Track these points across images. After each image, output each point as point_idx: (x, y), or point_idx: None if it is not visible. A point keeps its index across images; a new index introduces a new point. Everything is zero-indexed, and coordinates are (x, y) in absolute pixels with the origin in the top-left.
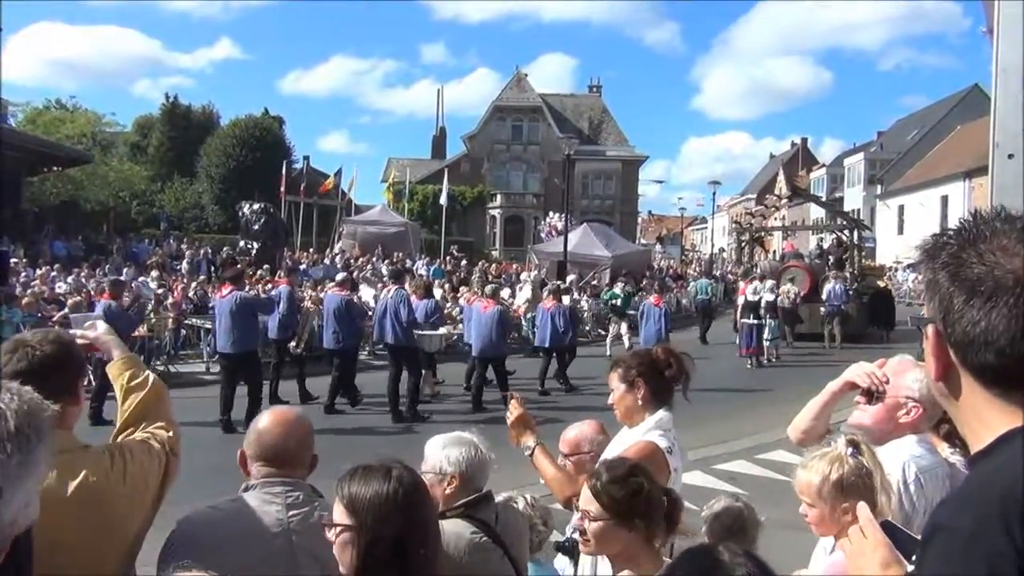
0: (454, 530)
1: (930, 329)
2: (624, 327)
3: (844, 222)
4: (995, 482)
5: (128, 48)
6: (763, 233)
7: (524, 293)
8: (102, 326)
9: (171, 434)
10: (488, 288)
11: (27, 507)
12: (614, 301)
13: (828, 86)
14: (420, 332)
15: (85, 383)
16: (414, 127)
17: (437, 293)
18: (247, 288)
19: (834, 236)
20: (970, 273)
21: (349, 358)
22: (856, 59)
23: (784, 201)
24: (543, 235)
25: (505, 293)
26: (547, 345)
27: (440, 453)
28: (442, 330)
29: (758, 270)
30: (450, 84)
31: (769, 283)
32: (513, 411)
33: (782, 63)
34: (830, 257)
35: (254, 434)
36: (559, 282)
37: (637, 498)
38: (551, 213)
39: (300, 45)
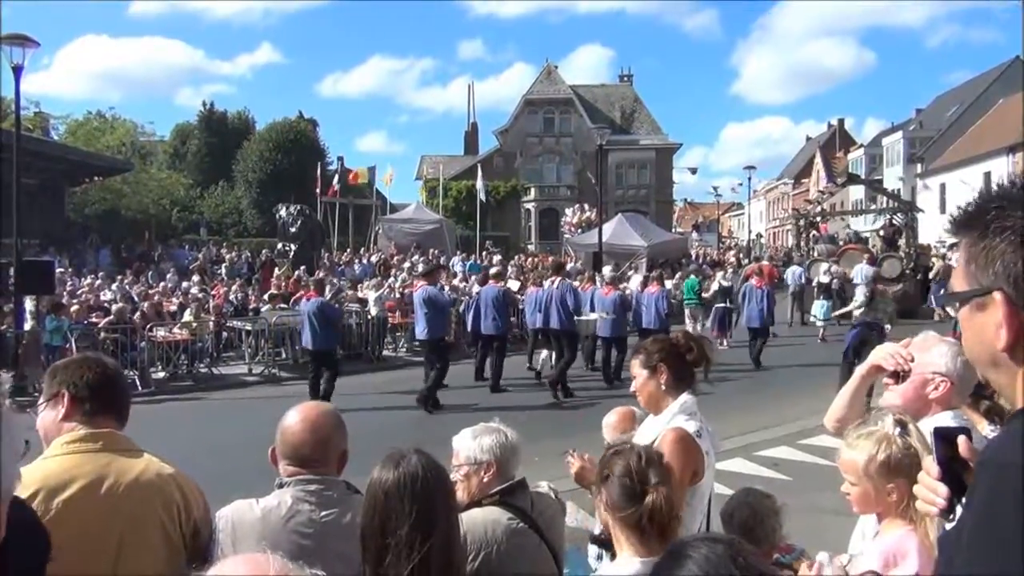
0: (491, 516)
1: (998, 296)
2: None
3: (898, 204)
4: None
5: (171, 58)
6: (819, 218)
7: (636, 279)
8: None
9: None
10: (608, 275)
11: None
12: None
13: (871, 66)
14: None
15: None
16: (452, 124)
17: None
18: (438, 285)
19: (886, 218)
20: None
21: (506, 341)
22: (900, 37)
23: (837, 187)
24: (564, 232)
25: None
26: (654, 327)
27: (472, 443)
28: (592, 315)
29: (815, 253)
30: (487, 80)
31: (824, 266)
32: (572, 465)
33: (823, 45)
34: (890, 237)
35: (280, 432)
36: (661, 269)
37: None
38: (567, 211)
39: (339, 47)
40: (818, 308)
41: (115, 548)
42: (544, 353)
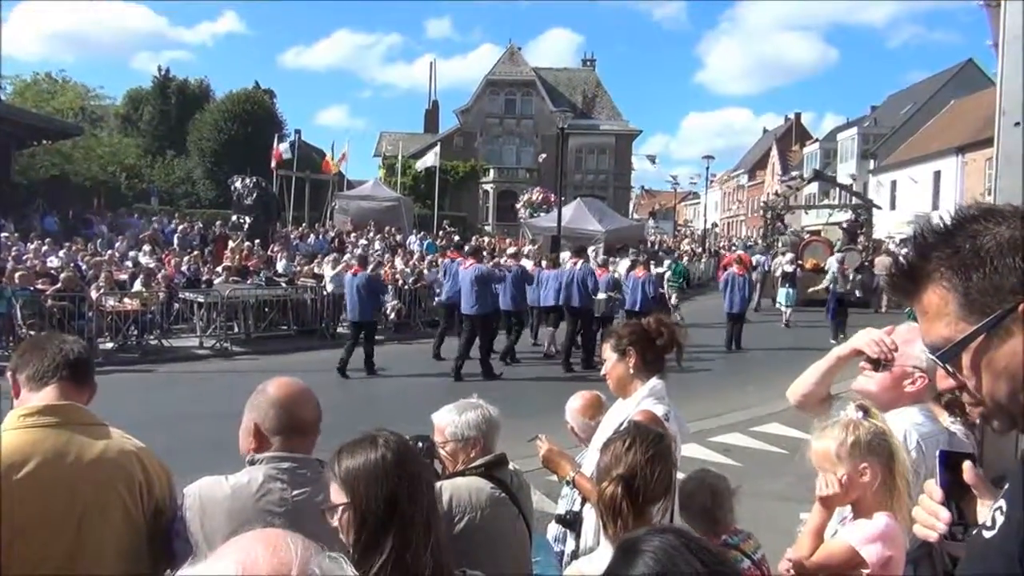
0: (475, 485)
1: None
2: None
3: (859, 201)
4: None
5: (131, 22)
6: (785, 211)
7: (623, 263)
8: None
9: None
10: (600, 259)
11: None
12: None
13: (833, 62)
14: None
15: None
16: (415, 102)
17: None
18: (485, 261)
19: (851, 213)
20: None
21: (524, 316)
22: (863, 35)
23: (803, 182)
24: (520, 218)
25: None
26: (637, 309)
27: (458, 420)
28: (602, 295)
29: (780, 244)
30: (453, 59)
31: (790, 255)
32: (540, 449)
33: (788, 39)
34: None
35: (274, 408)
36: (647, 254)
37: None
38: (521, 195)
39: (304, 19)
40: (783, 295)
41: (75, 528)
42: (549, 330)
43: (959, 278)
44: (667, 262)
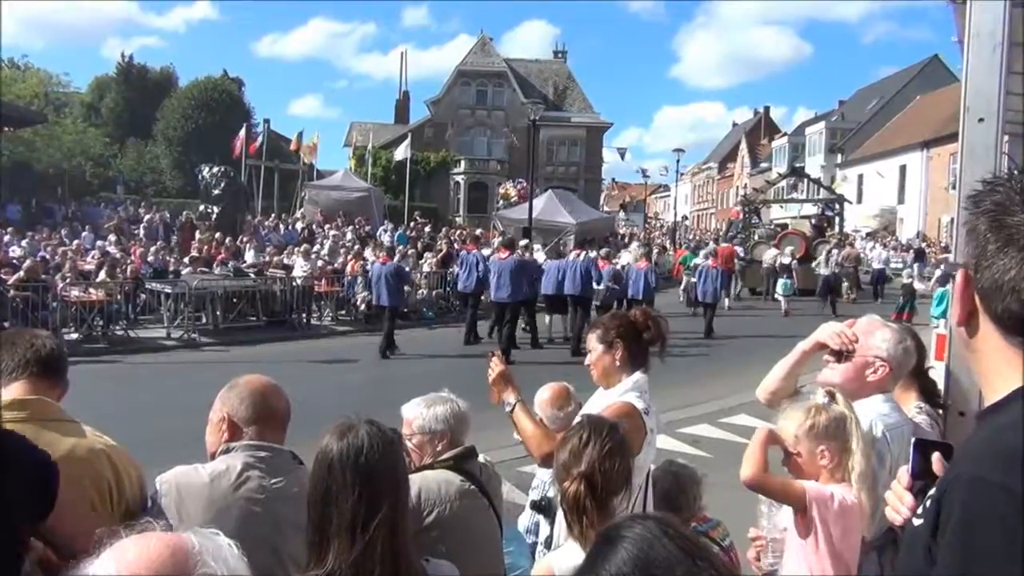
0: (444, 478)
1: (959, 273)
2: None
3: (831, 196)
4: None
5: (102, 7)
6: (761, 205)
7: (626, 255)
8: None
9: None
10: (603, 251)
11: None
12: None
13: (807, 57)
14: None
15: None
16: (391, 92)
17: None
18: (518, 252)
19: (819, 208)
20: (1010, 221)
21: (532, 303)
22: (837, 31)
23: (781, 177)
24: (499, 204)
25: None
26: (640, 298)
27: (426, 413)
28: (602, 286)
29: (756, 236)
30: (430, 50)
31: (788, 248)
32: (494, 368)
33: (763, 33)
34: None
35: (249, 398)
36: (650, 246)
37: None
38: (499, 188)
39: (279, 6)
40: (781, 286)
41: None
42: (549, 319)
43: (966, 220)
44: (703, 251)
